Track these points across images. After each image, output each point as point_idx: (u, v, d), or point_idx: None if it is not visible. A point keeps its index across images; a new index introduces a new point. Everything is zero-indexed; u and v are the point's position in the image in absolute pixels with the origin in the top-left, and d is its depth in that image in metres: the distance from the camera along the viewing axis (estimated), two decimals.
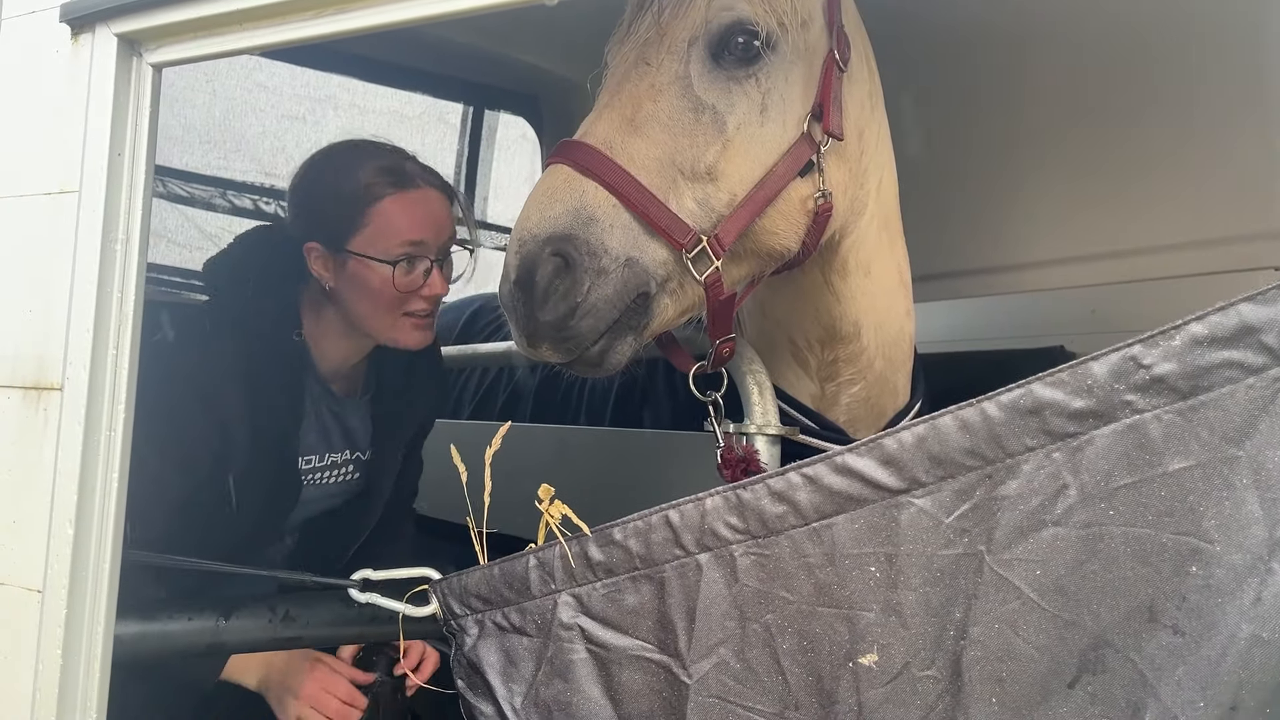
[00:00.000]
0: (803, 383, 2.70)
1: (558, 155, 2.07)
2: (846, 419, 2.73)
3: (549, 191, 2.02)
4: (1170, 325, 1.43)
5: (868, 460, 1.64)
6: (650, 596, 1.84)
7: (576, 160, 2.04)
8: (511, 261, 1.98)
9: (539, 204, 2.01)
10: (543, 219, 1.99)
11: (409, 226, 2.47)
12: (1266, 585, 1.37)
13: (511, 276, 1.98)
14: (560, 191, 2.01)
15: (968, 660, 1.58)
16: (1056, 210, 3.62)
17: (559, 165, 2.05)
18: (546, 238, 1.97)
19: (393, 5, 1.52)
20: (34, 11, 1.81)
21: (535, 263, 1.96)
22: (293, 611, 2.22)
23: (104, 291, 1.71)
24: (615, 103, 2.13)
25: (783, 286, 2.58)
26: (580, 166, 2.03)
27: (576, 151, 2.05)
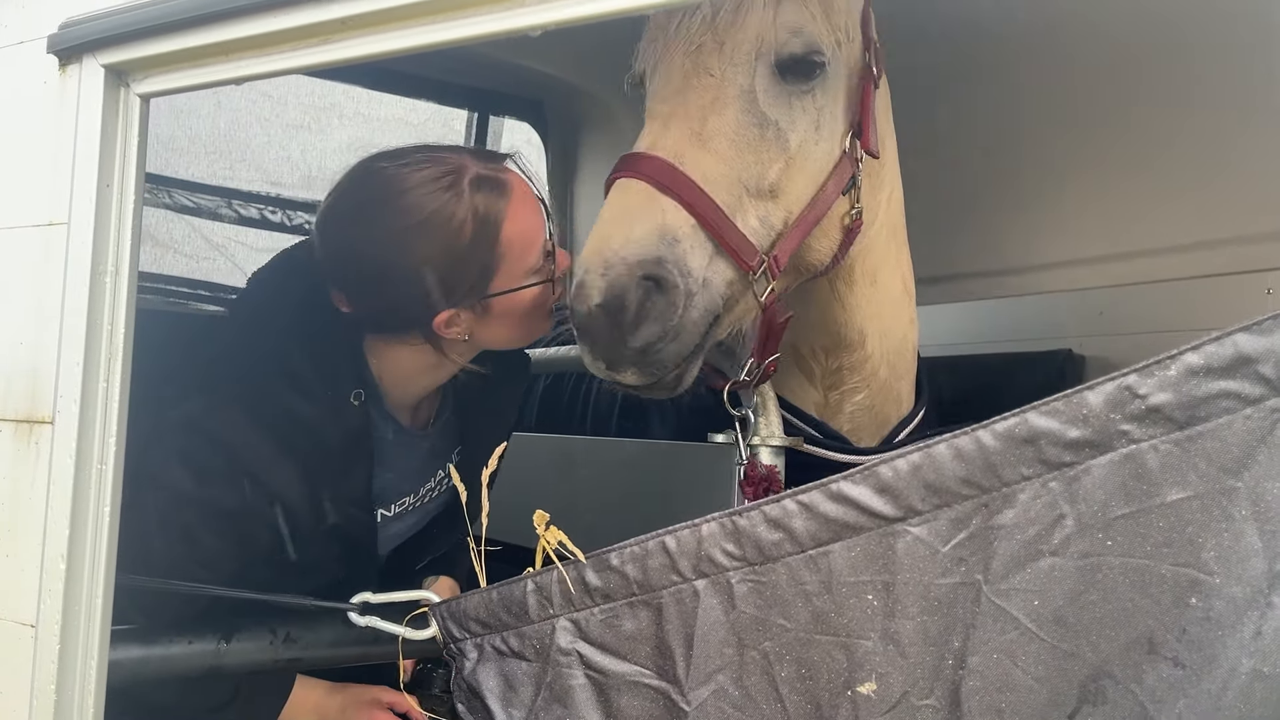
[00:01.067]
0: (807, 390, 2.69)
1: (629, 170, 2.01)
2: (850, 427, 2.72)
3: (628, 210, 1.97)
4: (1165, 355, 1.41)
5: (863, 488, 1.62)
6: (648, 622, 1.83)
7: (652, 176, 1.99)
8: (595, 284, 1.91)
9: (620, 223, 1.95)
10: (628, 241, 1.93)
11: (536, 229, 2.23)
12: (1267, 619, 1.35)
13: (594, 299, 1.91)
14: (641, 210, 1.96)
15: (966, 690, 1.56)
16: (1063, 212, 3.59)
17: (633, 180, 1.99)
18: (637, 261, 1.92)
19: (377, 37, 1.50)
20: (21, 42, 1.81)
21: (625, 287, 1.90)
22: (294, 633, 2.21)
23: (94, 324, 1.70)
24: (681, 113, 2.08)
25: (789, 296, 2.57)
26: (658, 183, 1.98)
27: (649, 166, 2.00)
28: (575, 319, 1.95)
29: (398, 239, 2.11)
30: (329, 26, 1.53)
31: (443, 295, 2.14)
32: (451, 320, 2.18)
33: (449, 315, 2.16)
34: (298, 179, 4.71)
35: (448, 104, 4.92)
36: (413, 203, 2.11)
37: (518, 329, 2.29)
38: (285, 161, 4.70)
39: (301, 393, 2.17)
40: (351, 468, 2.26)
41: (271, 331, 2.24)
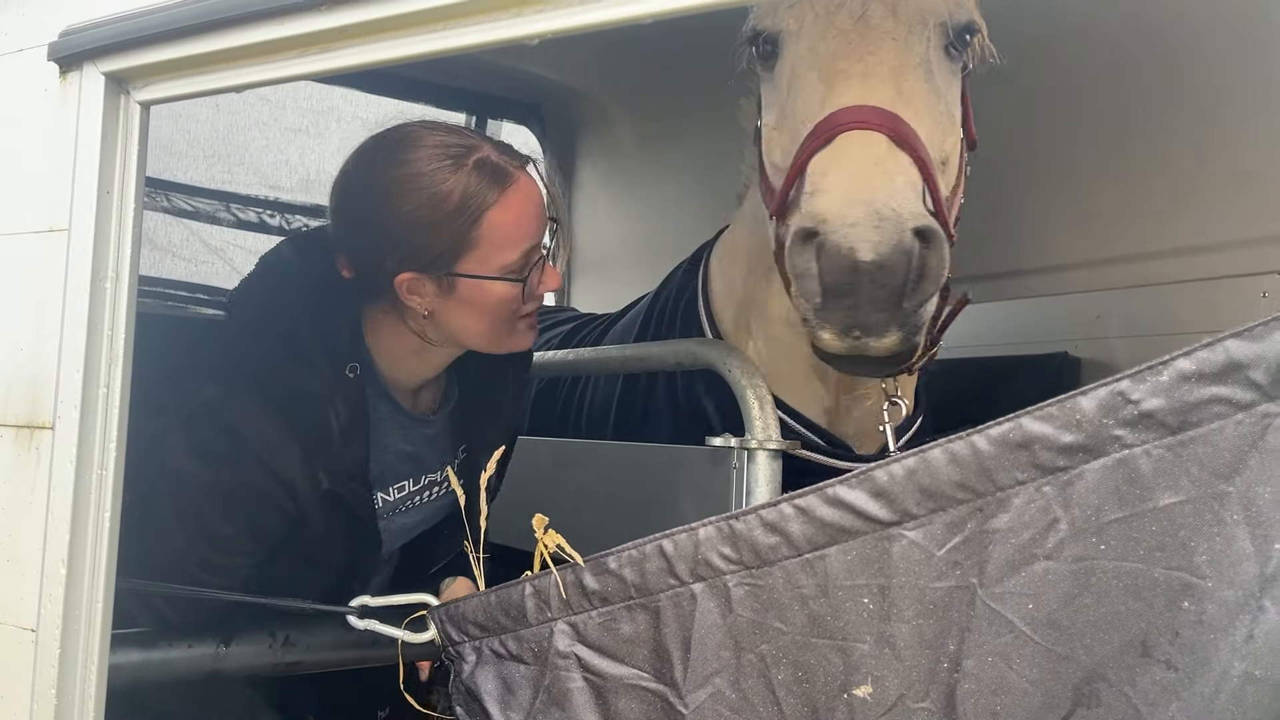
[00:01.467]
0: (818, 394, 2.67)
1: (860, 120, 1.94)
2: (855, 431, 2.72)
3: (880, 161, 1.90)
4: (1158, 361, 1.43)
5: (859, 492, 1.63)
6: (646, 626, 1.84)
7: (892, 129, 1.93)
8: (867, 238, 1.81)
9: (879, 174, 1.88)
10: (893, 193, 1.86)
11: (526, 231, 2.18)
12: (1259, 623, 1.36)
13: (866, 255, 1.80)
14: (891, 163, 1.90)
15: (962, 693, 1.57)
16: (1060, 215, 3.60)
17: (870, 132, 1.93)
18: (909, 214, 1.85)
19: (376, 45, 1.51)
20: (21, 50, 1.82)
21: (902, 242, 1.82)
22: (293, 637, 2.22)
23: (94, 330, 1.71)
24: (876, 73, 2.02)
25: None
26: (895, 137, 1.92)
27: (882, 119, 1.94)
28: (834, 276, 1.84)
29: (386, 187, 2.13)
30: (329, 35, 1.54)
31: (410, 254, 2.13)
32: (414, 286, 2.16)
33: (410, 278, 2.15)
34: (296, 183, 4.73)
35: (446, 108, 4.94)
36: (413, 157, 2.13)
37: (479, 323, 2.24)
38: (284, 165, 4.71)
39: (306, 365, 2.18)
40: (349, 440, 2.24)
41: (277, 310, 2.25)
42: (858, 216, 1.82)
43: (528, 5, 1.42)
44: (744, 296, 2.80)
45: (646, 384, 2.99)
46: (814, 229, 1.88)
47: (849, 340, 1.90)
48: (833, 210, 1.86)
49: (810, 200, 1.93)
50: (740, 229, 2.90)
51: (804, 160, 2.00)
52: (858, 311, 1.86)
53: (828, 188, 1.90)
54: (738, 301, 2.83)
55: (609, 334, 3.41)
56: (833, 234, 1.84)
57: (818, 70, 2.09)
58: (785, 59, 2.21)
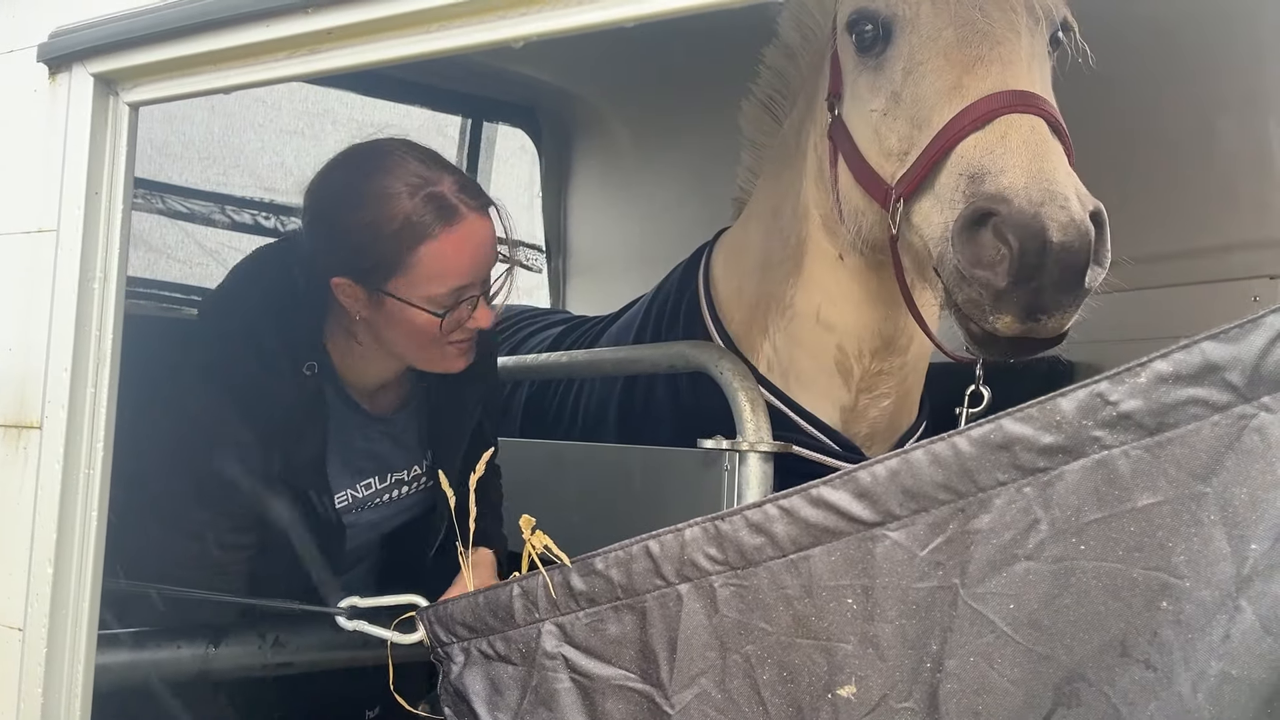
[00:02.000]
0: (837, 393, 2.68)
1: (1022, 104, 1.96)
2: (868, 432, 2.72)
3: (1048, 146, 1.91)
4: (1136, 363, 1.43)
5: (842, 493, 1.64)
6: (632, 626, 1.85)
7: (1050, 115, 1.96)
8: (1055, 217, 1.80)
9: (1051, 158, 1.89)
10: (1069, 176, 1.87)
11: (457, 271, 2.21)
12: (1235, 622, 1.36)
13: (1054, 235, 1.79)
14: (1055, 149, 1.92)
15: (944, 693, 1.58)
16: None
17: (1033, 118, 1.95)
18: (1086, 196, 1.86)
19: (363, 47, 1.52)
20: (11, 51, 1.83)
21: (1085, 224, 1.82)
22: (282, 638, 2.23)
23: (82, 330, 1.72)
24: (1014, 61, 2.05)
25: (850, 294, 2.58)
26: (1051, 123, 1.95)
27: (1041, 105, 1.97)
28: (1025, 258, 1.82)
29: (343, 192, 2.23)
30: (315, 37, 1.55)
31: (347, 260, 2.21)
32: (347, 290, 2.23)
33: (344, 283, 2.22)
34: (291, 185, 4.71)
35: (441, 110, 4.94)
36: (377, 172, 2.20)
37: (402, 341, 2.30)
38: (279, 167, 4.70)
39: (263, 362, 2.25)
40: (304, 435, 2.30)
41: (241, 311, 2.33)
42: (1042, 197, 1.82)
43: (514, 7, 1.43)
44: (758, 296, 2.80)
45: (646, 384, 2.99)
46: (990, 210, 1.88)
47: (1029, 323, 1.89)
48: (1015, 190, 1.85)
49: (980, 182, 1.92)
50: (752, 227, 2.90)
51: (950, 142, 2.00)
52: (1043, 294, 1.85)
53: (999, 169, 1.90)
54: (749, 302, 2.83)
55: (605, 336, 3.41)
56: (1017, 215, 1.83)
57: (945, 55, 2.10)
58: (900, 44, 2.20)
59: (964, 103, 2.01)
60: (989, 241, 1.88)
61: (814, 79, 2.63)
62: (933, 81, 2.11)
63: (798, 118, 2.74)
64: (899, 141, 2.18)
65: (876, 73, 2.26)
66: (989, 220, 1.89)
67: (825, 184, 2.51)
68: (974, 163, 1.95)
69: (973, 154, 1.97)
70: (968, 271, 1.93)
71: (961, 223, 1.94)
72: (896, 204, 2.16)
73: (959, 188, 1.98)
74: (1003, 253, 1.86)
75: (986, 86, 2.01)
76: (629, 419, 3.03)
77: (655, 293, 3.22)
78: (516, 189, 5.24)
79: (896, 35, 2.21)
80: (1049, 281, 1.83)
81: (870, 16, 2.24)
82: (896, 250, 2.23)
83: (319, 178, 2.31)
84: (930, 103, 2.10)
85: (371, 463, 2.49)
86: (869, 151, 2.29)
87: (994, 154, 1.93)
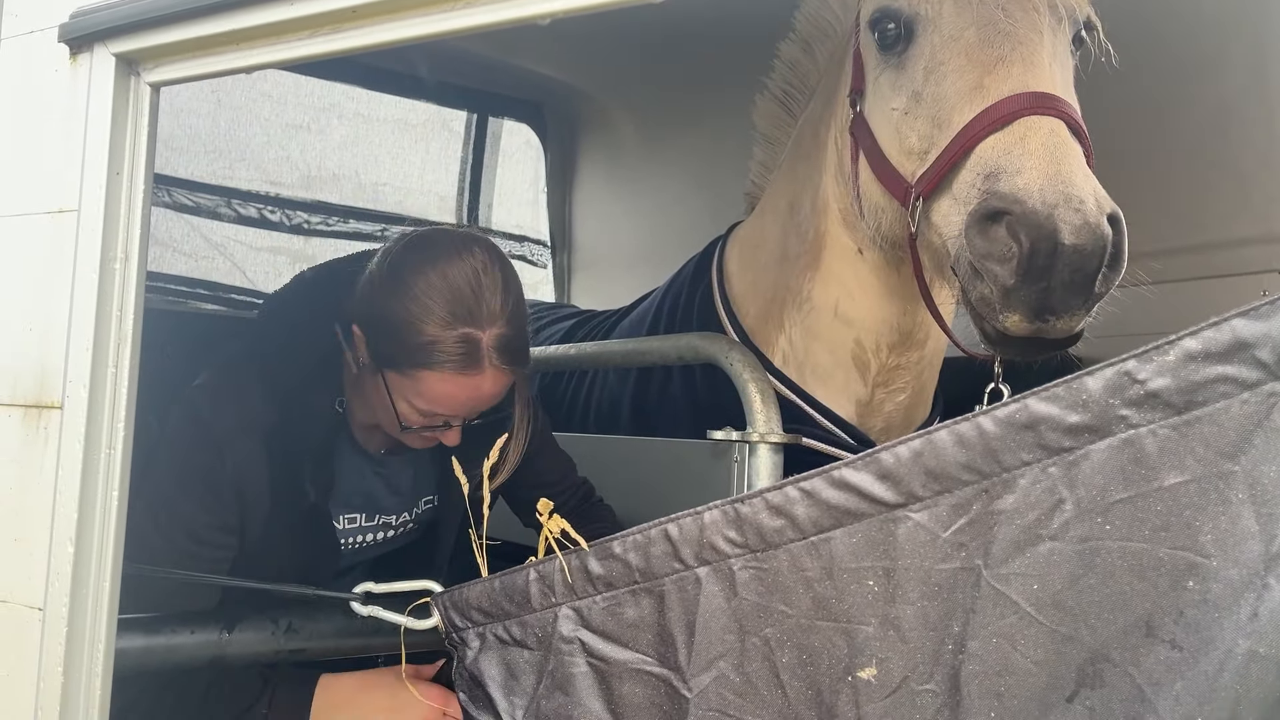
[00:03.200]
0: (854, 387, 2.68)
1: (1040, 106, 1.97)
2: (883, 427, 2.72)
3: (1066, 147, 1.92)
4: (1164, 340, 1.43)
5: (864, 474, 1.64)
6: (650, 610, 1.84)
7: (1069, 116, 1.96)
8: (1068, 219, 1.81)
9: (1067, 160, 1.90)
10: (1087, 179, 1.88)
11: (446, 406, 2.24)
12: (1263, 600, 1.36)
13: (1067, 238, 1.81)
14: (1073, 150, 1.92)
15: (966, 674, 1.57)
16: None
17: (1052, 120, 1.95)
18: (1104, 198, 1.87)
19: (387, 25, 1.52)
20: (33, 31, 1.82)
21: (1100, 226, 1.83)
22: (296, 624, 2.22)
23: (103, 310, 1.71)
24: (1035, 59, 2.05)
25: (869, 288, 2.58)
26: (1071, 125, 1.95)
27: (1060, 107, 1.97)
28: (1034, 258, 1.83)
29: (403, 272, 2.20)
30: (338, 15, 1.55)
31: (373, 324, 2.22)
32: (358, 342, 2.25)
33: (360, 336, 2.24)
34: (297, 179, 4.72)
35: (447, 105, 4.95)
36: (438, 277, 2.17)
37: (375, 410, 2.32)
38: (285, 161, 4.70)
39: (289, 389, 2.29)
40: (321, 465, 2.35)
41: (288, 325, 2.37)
42: (1056, 199, 1.83)
43: None
44: (774, 290, 2.80)
45: (661, 381, 2.99)
46: (1004, 209, 1.89)
47: (1038, 323, 1.91)
48: (1030, 191, 1.86)
49: (992, 181, 1.94)
50: (767, 221, 2.90)
51: (970, 142, 2.01)
52: (1052, 295, 1.86)
53: (1016, 169, 1.91)
54: (765, 296, 2.83)
55: (616, 330, 3.41)
56: (1032, 215, 1.84)
57: (967, 56, 2.11)
58: (921, 44, 2.21)
59: (985, 103, 2.02)
60: (1001, 237, 1.89)
61: (834, 73, 2.63)
62: (954, 81, 2.11)
63: (816, 112, 2.75)
64: (919, 140, 2.19)
65: (898, 71, 2.27)
66: (1002, 218, 1.90)
67: (845, 179, 2.52)
68: (992, 163, 1.96)
69: (991, 155, 1.98)
70: (979, 264, 1.94)
71: (974, 217, 1.95)
72: (916, 202, 2.17)
73: (976, 186, 1.99)
74: (1013, 250, 1.87)
75: (1008, 88, 2.01)
76: (643, 415, 3.03)
77: (667, 287, 3.22)
78: (522, 184, 5.25)
79: (919, 34, 2.22)
80: (1059, 283, 1.84)
81: (893, 15, 2.25)
82: (915, 248, 2.24)
83: (406, 240, 2.28)
84: (951, 103, 2.10)
85: (359, 499, 2.50)
86: (890, 149, 2.30)
87: (1012, 155, 1.94)
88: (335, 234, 4.73)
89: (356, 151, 4.83)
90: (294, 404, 2.29)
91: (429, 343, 2.14)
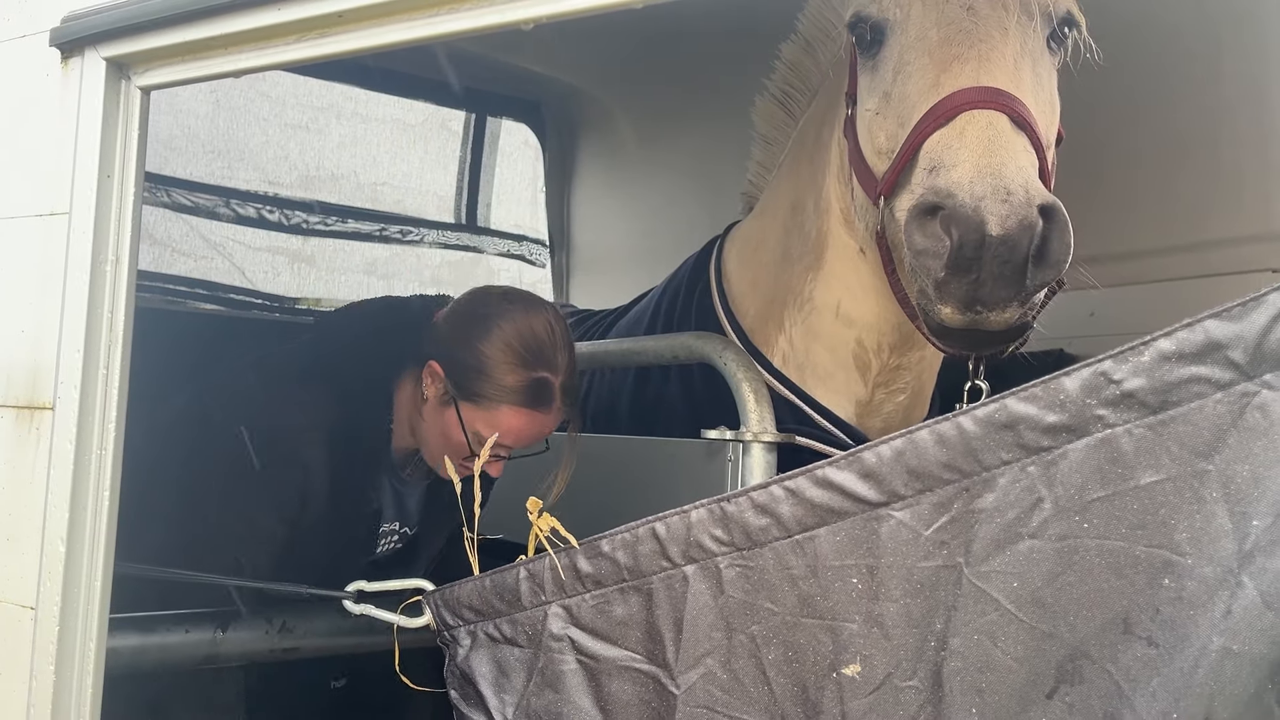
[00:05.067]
0: (854, 387, 2.68)
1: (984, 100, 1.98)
2: (883, 427, 2.71)
3: (1003, 139, 1.94)
4: (1139, 341, 1.45)
5: (848, 474, 1.65)
6: (638, 608, 1.86)
7: (1011, 109, 1.97)
8: (994, 211, 1.83)
9: (1002, 152, 1.91)
10: (1018, 169, 1.89)
11: (513, 437, 2.47)
12: (1236, 598, 1.38)
13: (993, 229, 1.82)
14: (1013, 143, 1.94)
15: (948, 671, 1.59)
16: None
17: (992, 113, 1.97)
18: (1037, 191, 1.88)
19: (373, 30, 1.54)
20: (25, 35, 1.84)
21: (1029, 217, 1.84)
22: (290, 623, 2.25)
23: (94, 312, 1.73)
24: (991, 58, 2.06)
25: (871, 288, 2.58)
26: (1014, 119, 1.97)
27: (1004, 100, 1.98)
28: (962, 250, 1.86)
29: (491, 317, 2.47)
30: (326, 20, 1.56)
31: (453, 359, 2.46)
32: (433, 376, 2.47)
33: (437, 370, 2.46)
34: (296, 179, 4.73)
35: (445, 105, 4.95)
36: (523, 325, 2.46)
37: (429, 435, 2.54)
38: (283, 161, 4.71)
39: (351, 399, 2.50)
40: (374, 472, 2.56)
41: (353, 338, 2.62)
42: (984, 191, 1.85)
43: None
44: (775, 289, 2.80)
45: (658, 383, 2.99)
46: (937, 203, 1.91)
47: (970, 315, 1.92)
48: (960, 184, 1.88)
49: (933, 176, 1.96)
50: (767, 220, 2.90)
51: (919, 139, 2.04)
52: (980, 287, 1.88)
53: (952, 163, 1.93)
54: (765, 295, 2.83)
55: (614, 330, 3.41)
56: (960, 208, 1.86)
57: (929, 55, 2.13)
58: (891, 45, 2.23)
59: (937, 99, 2.04)
60: (935, 232, 1.91)
61: (838, 76, 2.65)
62: (916, 81, 2.13)
63: (819, 113, 2.75)
64: (887, 140, 2.21)
65: (873, 73, 2.29)
66: (935, 214, 1.92)
67: (846, 180, 2.53)
68: (934, 157, 1.99)
69: (935, 149, 2.00)
70: (912, 261, 1.97)
71: (912, 214, 1.97)
72: (880, 200, 2.20)
73: (921, 182, 2.01)
74: (945, 244, 1.89)
75: (961, 83, 2.03)
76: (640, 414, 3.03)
77: (664, 287, 3.22)
78: (520, 184, 5.25)
79: (888, 37, 2.24)
80: (988, 274, 1.86)
81: (866, 19, 2.27)
82: (886, 246, 2.25)
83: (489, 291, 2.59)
84: (912, 101, 2.12)
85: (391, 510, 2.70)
86: (866, 150, 2.31)
87: (951, 149, 1.96)
88: (334, 234, 4.74)
89: (355, 151, 4.84)
90: (356, 411, 2.51)
91: (507, 383, 2.42)
